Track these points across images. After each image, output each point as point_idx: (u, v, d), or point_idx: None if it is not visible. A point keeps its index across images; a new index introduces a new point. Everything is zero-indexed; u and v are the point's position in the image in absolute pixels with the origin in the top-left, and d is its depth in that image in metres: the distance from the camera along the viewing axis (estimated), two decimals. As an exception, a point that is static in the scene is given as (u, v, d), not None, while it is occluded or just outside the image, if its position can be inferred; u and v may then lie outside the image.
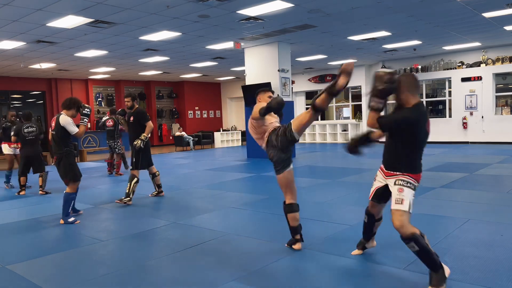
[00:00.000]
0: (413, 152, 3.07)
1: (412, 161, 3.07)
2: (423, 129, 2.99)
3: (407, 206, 2.93)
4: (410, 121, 2.96)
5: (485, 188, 6.58)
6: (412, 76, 3.13)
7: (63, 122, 5.30)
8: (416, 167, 3.07)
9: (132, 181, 6.28)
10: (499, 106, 14.61)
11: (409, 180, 3.02)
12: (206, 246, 4.08)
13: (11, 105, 17.46)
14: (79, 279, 3.37)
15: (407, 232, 2.88)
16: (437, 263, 2.87)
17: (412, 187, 3.00)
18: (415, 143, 3.04)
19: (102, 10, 7.78)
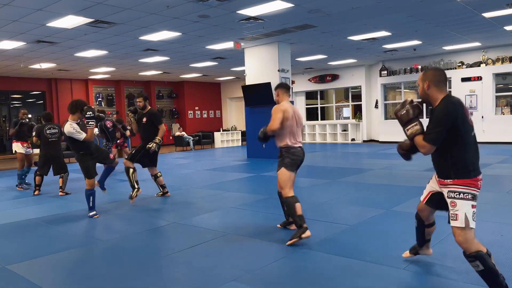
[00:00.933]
0: (461, 152, 2.66)
1: (461, 163, 2.67)
2: (464, 120, 2.64)
3: (463, 221, 2.65)
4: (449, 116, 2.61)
5: (485, 188, 6.53)
6: (437, 70, 2.81)
7: (68, 133, 5.35)
8: (468, 171, 2.66)
9: (128, 173, 6.20)
10: (499, 106, 14.61)
11: (462, 190, 2.66)
12: (206, 246, 4.08)
13: (11, 105, 17.46)
14: (79, 279, 3.37)
15: (471, 249, 2.65)
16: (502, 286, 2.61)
17: (468, 197, 2.65)
18: (460, 139, 2.64)
19: (102, 10, 7.78)
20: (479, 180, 2.68)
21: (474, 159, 2.68)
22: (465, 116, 2.64)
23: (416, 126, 2.80)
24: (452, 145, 2.67)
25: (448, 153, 2.69)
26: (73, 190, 7.78)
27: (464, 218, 2.65)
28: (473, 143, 2.69)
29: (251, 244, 4.10)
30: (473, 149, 2.69)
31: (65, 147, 13.54)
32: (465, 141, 2.66)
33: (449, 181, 2.71)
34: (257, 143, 12.48)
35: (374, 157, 11.68)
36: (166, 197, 6.77)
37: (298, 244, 3.98)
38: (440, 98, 2.71)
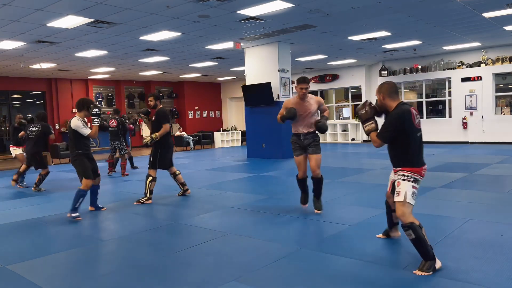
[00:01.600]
0: (408, 147, 3.32)
1: (408, 156, 3.33)
2: (411, 124, 3.27)
3: (403, 197, 3.25)
4: (396, 121, 3.29)
5: (485, 188, 6.58)
6: (389, 83, 3.46)
7: (74, 126, 5.51)
8: (414, 162, 3.33)
9: (147, 180, 6.28)
10: (499, 106, 14.61)
11: (406, 174, 3.31)
12: (206, 246, 4.08)
13: (11, 105, 17.46)
14: (79, 279, 3.37)
15: (406, 220, 3.22)
16: (429, 253, 3.17)
17: (410, 179, 3.29)
18: (408, 139, 3.30)
19: (102, 10, 7.78)
20: (423, 169, 3.37)
21: (417, 154, 3.36)
22: (411, 120, 3.28)
23: (372, 124, 3.48)
24: (401, 142, 3.33)
25: (399, 148, 3.37)
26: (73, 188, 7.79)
27: (404, 195, 3.26)
28: (418, 141, 3.35)
29: (251, 244, 4.10)
30: (417, 146, 3.35)
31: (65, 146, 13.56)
32: (411, 140, 3.31)
33: (399, 169, 3.39)
34: (257, 143, 12.53)
35: (374, 157, 11.68)
36: (164, 197, 6.74)
37: (298, 244, 3.98)
38: (394, 105, 3.38)
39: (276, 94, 11.92)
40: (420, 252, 3.20)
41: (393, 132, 3.31)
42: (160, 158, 6.31)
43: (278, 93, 11.93)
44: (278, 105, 11.90)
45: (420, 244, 3.18)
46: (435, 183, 6.88)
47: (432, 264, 3.15)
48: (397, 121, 3.28)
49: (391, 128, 3.31)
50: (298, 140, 5.08)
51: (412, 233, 3.18)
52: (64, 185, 8.56)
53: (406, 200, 3.24)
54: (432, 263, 3.15)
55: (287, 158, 11.87)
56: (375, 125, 3.47)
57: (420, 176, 3.33)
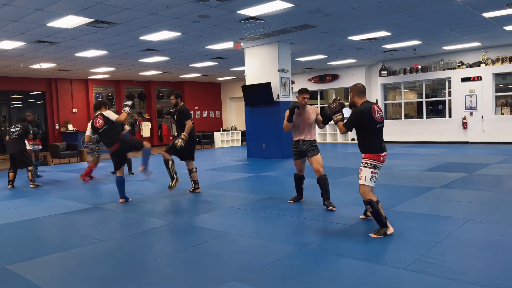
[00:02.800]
0: (370, 137, 4.15)
1: (369, 144, 4.16)
2: (370, 117, 4.09)
3: (364, 180, 4.13)
4: (357, 114, 4.14)
5: (485, 188, 6.58)
6: (359, 85, 4.38)
7: (107, 114, 6.16)
8: (373, 149, 4.14)
9: (168, 165, 6.57)
10: (499, 106, 14.62)
11: (366, 161, 4.15)
12: (206, 246, 4.08)
13: (11, 105, 17.46)
14: (79, 279, 3.37)
15: (366, 197, 4.12)
16: (383, 222, 4.10)
17: (369, 166, 4.13)
18: (366, 129, 4.14)
19: (102, 10, 7.78)
20: (381, 155, 4.15)
21: (377, 142, 4.16)
22: (371, 115, 4.10)
23: (339, 116, 4.36)
24: (363, 132, 4.19)
25: (362, 137, 4.23)
26: (73, 188, 7.80)
27: (364, 178, 4.13)
28: (377, 132, 4.16)
29: (251, 244, 4.10)
30: (377, 136, 4.16)
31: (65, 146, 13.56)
32: (370, 130, 4.13)
33: (362, 155, 4.19)
34: (257, 143, 12.54)
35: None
36: (164, 197, 6.79)
37: (298, 244, 3.99)
38: (360, 103, 4.23)
39: (276, 94, 11.92)
40: (377, 221, 4.12)
41: (355, 122, 4.17)
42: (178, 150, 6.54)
43: (278, 93, 11.93)
44: (278, 105, 11.91)
45: (377, 215, 4.08)
46: (435, 183, 6.88)
47: (384, 231, 4.08)
48: (358, 114, 4.13)
49: (353, 120, 4.18)
50: (297, 146, 5.54)
51: (370, 207, 4.10)
52: (64, 185, 8.56)
53: (366, 183, 4.11)
54: (384, 230, 4.08)
55: (287, 158, 11.87)
56: (342, 116, 4.34)
57: (379, 162, 4.14)
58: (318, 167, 5.40)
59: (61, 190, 7.90)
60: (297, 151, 5.56)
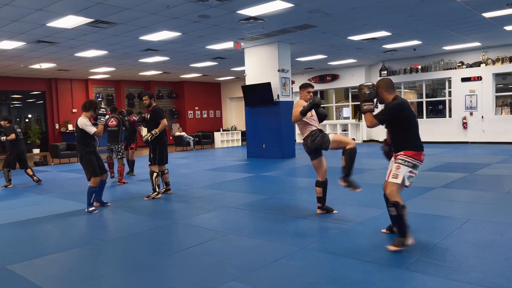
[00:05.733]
0: (410, 134, 3.73)
1: (411, 141, 3.72)
2: (409, 111, 3.73)
3: (400, 180, 3.64)
4: (396, 108, 3.70)
5: (485, 188, 6.58)
6: (386, 79, 3.89)
7: (81, 125, 5.78)
8: (413, 146, 3.70)
9: (152, 176, 6.57)
10: (499, 106, 14.61)
11: (407, 159, 3.66)
12: (206, 246, 4.08)
13: (11, 105, 17.46)
14: (79, 279, 3.37)
15: (393, 198, 3.64)
16: (405, 232, 3.63)
17: (409, 165, 3.66)
18: (407, 125, 3.73)
19: (102, 10, 7.78)
20: (422, 154, 3.71)
21: (418, 138, 3.75)
22: (410, 109, 3.74)
23: (371, 105, 3.84)
24: (401, 128, 3.74)
25: (399, 134, 3.76)
26: (73, 188, 7.80)
27: (401, 179, 3.64)
28: (417, 127, 3.78)
29: (251, 244, 4.10)
30: (417, 131, 3.77)
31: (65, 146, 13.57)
32: (411, 125, 3.74)
33: (401, 153, 3.71)
34: (257, 143, 12.53)
35: (374, 157, 11.68)
36: (168, 194, 6.89)
37: (298, 244, 3.99)
38: (391, 98, 3.80)
39: (276, 94, 11.92)
40: (398, 228, 3.67)
41: (391, 117, 3.73)
42: (159, 154, 6.61)
43: (278, 93, 11.92)
44: (278, 105, 11.91)
45: (400, 221, 3.62)
46: (435, 183, 6.88)
47: (404, 241, 3.61)
48: (396, 109, 3.70)
49: (391, 114, 3.72)
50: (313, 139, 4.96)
51: (395, 210, 3.61)
52: (64, 185, 8.56)
53: (399, 181, 3.64)
54: (404, 240, 3.62)
55: (287, 158, 11.88)
56: (373, 106, 3.84)
57: (419, 162, 3.69)
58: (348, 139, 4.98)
59: (61, 190, 7.90)
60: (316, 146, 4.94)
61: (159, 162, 6.63)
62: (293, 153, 12.41)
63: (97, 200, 6.10)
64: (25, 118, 18.61)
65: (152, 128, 6.57)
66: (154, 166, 6.59)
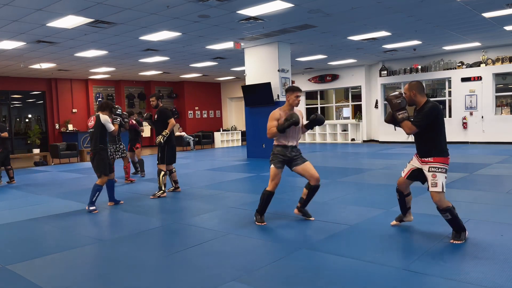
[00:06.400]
0: (440, 137, 3.85)
1: (440, 145, 3.85)
2: (442, 115, 3.87)
3: (441, 187, 3.78)
4: (433, 112, 3.77)
5: (485, 188, 6.58)
6: (419, 82, 3.98)
7: (104, 120, 5.92)
8: (444, 151, 3.86)
9: (159, 175, 6.66)
10: (499, 106, 14.61)
11: (440, 166, 3.81)
12: (206, 246, 4.08)
13: (11, 105, 17.46)
14: (79, 279, 3.37)
15: (443, 205, 3.80)
16: (461, 227, 3.86)
17: (443, 171, 3.81)
18: (439, 129, 3.83)
19: (102, 10, 7.78)
20: (448, 161, 3.91)
21: (445, 143, 3.88)
22: (442, 114, 3.85)
23: (405, 113, 3.91)
24: (434, 132, 3.82)
25: (430, 138, 3.84)
26: (72, 188, 7.80)
27: (441, 186, 3.78)
28: (444, 132, 3.89)
29: (251, 244, 4.10)
30: (445, 136, 3.89)
31: (65, 146, 13.55)
32: (442, 130, 3.84)
33: (430, 159, 3.84)
34: (257, 143, 12.53)
35: (374, 157, 11.68)
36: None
37: (298, 244, 3.99)
38: (423, 101, 3.86)
39: (276, 94, 11.92)
40: (455, 227, 3.86)
41: (429, 121, 3.79)
42: (167, 153, 6.71)
43: (278, 93, 11.93)
44: (278, 105, 11.90)
45: (456, 221, 3.84)
46: (435, 183, 6.87)
47: (463, 235, 3.84)
48: (433, 113, 3.77)
49: (427, 118, 3.78)
50: (286, 152, 4.72)
51: (449, 215, 3.81)
52: (64, 185, 8.56)
53: (443, 190, 3.79)
54: (463, 235, 3.84)
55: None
56: (407, 114, 3.91)
57: (447, 166, 3.89)
58: (317, 174, 4.76)
59: (61, 190, 7.90)
60: (285, 159, 4.72)
61: (167, 161, 6.74)
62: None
63: (110, 200, 6.22)
64: (25, 118, 18.61)
65: (160, 129, 6.67)
66: (162, 165, 6.71)
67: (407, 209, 4.38)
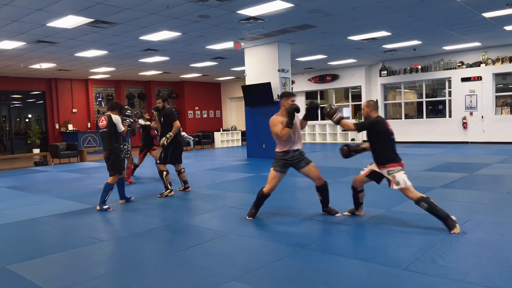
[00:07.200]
0: (388, 148, 4.40)
1: (390, 154, 4.39)
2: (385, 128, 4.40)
3: (404, 183, 4.25)
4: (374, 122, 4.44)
5: (485, 188, 6.58)
6: (375, 101, 4.68)
7: (116, 120, 5.98)
8: (395, 158, 4.38)
9: (162, 175, 6.74)
10: (499, 106, 14.61)
11: (395, 168, 4.33)
12: (206, 246, 4.08)
13: (11, 105, 17.46)
14: (79, 279, 3.36)
15: (415, 197, 4.21)
16: (444, 213, 4.09)
17: (399, 169, 4.33)
18: (384, 141, 4.41)
19: (102, 10, 7.78)
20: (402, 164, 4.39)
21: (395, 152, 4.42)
22: (386, 125, 4.43)
23: (339, 114, 4.54)
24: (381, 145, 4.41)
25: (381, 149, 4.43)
26: (72, 188, 7.81)
27: (403, 182, 4.26)
28: (393, 141, 4.44)
29: (251, 244, 4.10)
30: (393, 144, 4.44)
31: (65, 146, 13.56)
32: (387, 138, 4.41)
33: (386, 165, 4.37)
34: (257, 143, 12.53)
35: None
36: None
37: (298, 244, 3.99)
38: (375, 116, 4.53)
39: (276, 94, 11.92)
40: (437, 215, 4.11)
41: (367, 126, 4.47)
42: (171, 154, 6.78)
43: (278, 93, 11.92)
44: (278, 105, 11.87)
45: (434, 209, 4.11)
46: (435, 183, 6.88)
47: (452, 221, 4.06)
48: (374, 122, 4.44)
49: (368, 124, 4.48)
50: (288, 156, 4.81)
51: (424, 204, 4.13)
52: (64, 185, 8.56)
53: (407, 184, 4.22)
54: (451, 220, 4.06)
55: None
56: (341, 114, 4.54)
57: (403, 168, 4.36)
58: (320, 175, 4.91)
59: (61, 190, 7.90)
60: (287, 163, 4.83)
61: (169, 161, 6.78)
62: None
63: (121, 198, 6.33)
64: (25, 118, 18.62)
65: (165, 130, 6.75)
66: (162, 165, 6.74)
67: (360, 204, 4.89)
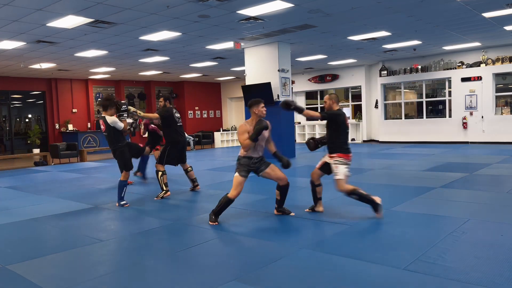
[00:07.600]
0: (343, 138, 4.83)
1: (343, 145, 4.81)
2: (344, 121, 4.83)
3: (342, 175, 4.68)
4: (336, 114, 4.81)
5: (485, 188, 6.58)
6: (336, 95, 5.00)
7: (111, 122, 5.92)
8: (346, 149, 4.81)
9: (158, 176, 6.67)
10: (499, 106, 14.61)
11: (341, 160, 4.75)
12: (206, 246, 4.08)
13: (11, 105, 17.46)
14: (79, 279, 3.37)
15: (347, 190, 4.68)
16: (372, 200, 4.68)
17: (344, 163, 4.75)
18: (341, 132, 4.81)
19: (102, 10, 7.78)
20: (350, 156, 4.85)
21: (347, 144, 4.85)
22: (345, 118, 4.86)
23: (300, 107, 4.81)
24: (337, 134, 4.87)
25: (336, 139, 4.83)
26: (72, 188, 7.81)
27: (342, 173, 4.69)
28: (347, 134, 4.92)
29: (251, 244, 4.10)
30: (347, 138, 4.89)
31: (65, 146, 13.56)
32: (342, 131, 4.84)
33: (335, 155, 4.79)
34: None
35: (374, 157, 11.68)
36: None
37: (298, 244, 3.99)
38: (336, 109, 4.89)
39: (276, 94, 11.92)
40: (368, 203, 4.71)
41: (331, 115, 4.80)
42: (167, 155, 6.73)
43: (278, 93, 11.93)
44: (278, 105, 11.87)
45: (365, 198, 4.68)
46: (435, 183, 6.88)
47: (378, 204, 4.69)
48: (338, 113, 4.81)
49: (331, 114, 4.81)
50: (249, 162, 4.95)
51: (355, 196, 4.66)
52: (64, 185, 8.56)
53: (343, 177, 4.66)
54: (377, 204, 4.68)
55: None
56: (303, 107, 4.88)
57: (349, 161, 4.81)
58: (283, 175, 5.02)
59: (61, 190, 7.90)
60: (249, 168, 4.98)
61: (167, 162, 6.75)
62: (293, 153, 12.41)
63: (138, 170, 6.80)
64: (25, 118, 18.62)
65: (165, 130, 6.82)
66: (159, 165, 6.69)
67: (318, 199, 5.12)
